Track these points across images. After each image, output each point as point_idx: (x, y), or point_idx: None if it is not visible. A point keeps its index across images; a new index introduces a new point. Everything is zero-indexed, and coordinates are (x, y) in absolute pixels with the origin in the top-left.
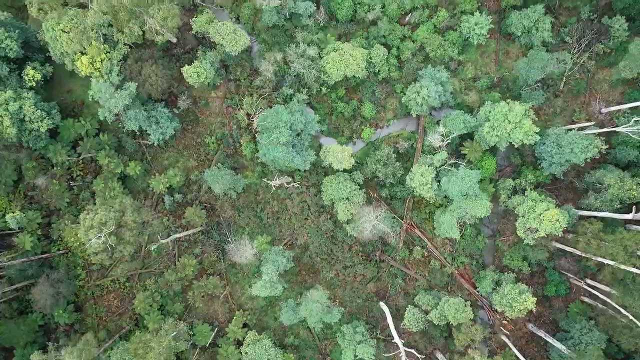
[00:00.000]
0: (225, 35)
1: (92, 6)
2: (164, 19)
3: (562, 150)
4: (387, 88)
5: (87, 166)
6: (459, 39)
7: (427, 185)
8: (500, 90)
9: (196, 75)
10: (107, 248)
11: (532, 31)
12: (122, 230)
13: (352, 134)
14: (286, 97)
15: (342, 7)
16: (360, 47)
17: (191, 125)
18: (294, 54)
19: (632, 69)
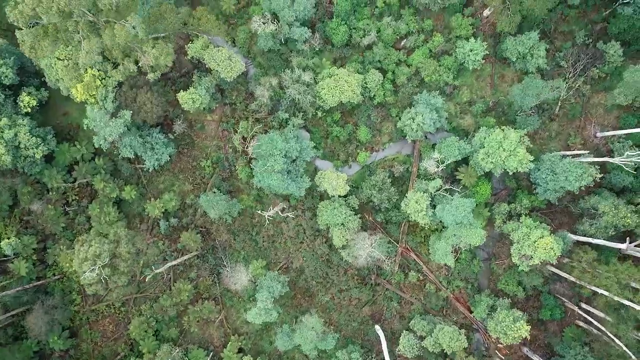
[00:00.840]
0: (220, 61)
1: (84, 46)
2: (157, 57)
3: (557, 177)
4: (383, 112)
5: (83, 190)
6: (454, 64)
7: (421, 212)
8: (496, 114)
9: (191, 101)
10: (101, 280)
11: (527, 57)
12: (116, 260)
13: (348, 158)
14: (282, 121)
15: (338, 32)
16: (356, 73)
17: (187, 149)
18: (289, 79)
19: (626, 96)
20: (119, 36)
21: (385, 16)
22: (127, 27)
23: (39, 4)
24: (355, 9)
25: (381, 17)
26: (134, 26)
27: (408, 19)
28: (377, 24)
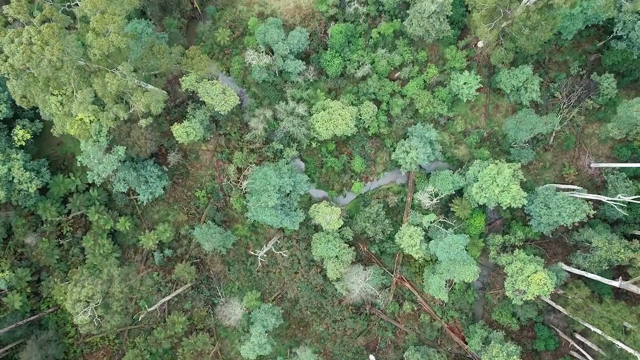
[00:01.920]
0: (214, 95)
1: (76, 96)
2: (147, 105)
3: (551, 212)
4: (377, 143)
5: (77, 221)
6: (448, 95)
7: (415, 246)
8: (490, 145)
9: (185, 134)
10: (94, 321)
11: (520, 90)
12: (109, 299)
13: (343, 188)
14: (276, 152)
15: (332, 64)
16: (350, 104)
17: (181, 179)
18: (284, 111)
19: (620, 130)
20: (110, 85)
21: (379, 47)
22: (118, 76)
23: (30, 59)
24: (350, 40)
25: (375, 48)
26: (124, 75)
27: (402, 50)
28: (372, 56)
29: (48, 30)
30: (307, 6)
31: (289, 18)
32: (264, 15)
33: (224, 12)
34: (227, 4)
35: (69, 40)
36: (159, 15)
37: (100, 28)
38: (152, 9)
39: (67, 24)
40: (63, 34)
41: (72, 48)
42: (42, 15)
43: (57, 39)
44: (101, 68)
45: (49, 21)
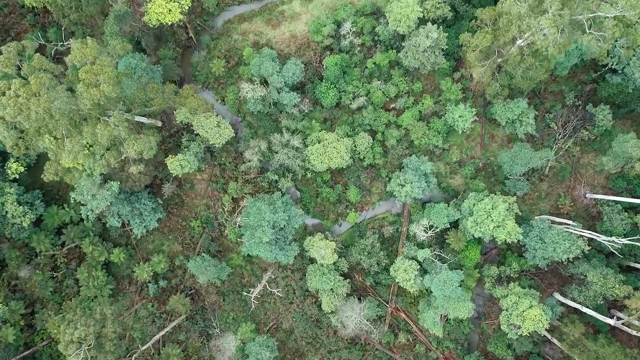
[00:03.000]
0: (208, 129)
1: (66, 145)
2: (140, 152)
3: (546, 246)
4: (372, 173)
5: (72, 252)
6: (443, 127)
7: (410, 281)
8: (486, 175)
9: (180, 167)
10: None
11: (516, 123)
12: (102, 339)
13: (338, 217)
14: (271, 182)
15: (327, 96)
16: (345, 136)
17: (176, 209)
18: (278, 143)
19: (615, 164)
20: (100, 135)
21: (375, 77)
22: (110, 126)
23: (20, 112)
24: (345, 71)
25: (371, 79)
26: (116, 124)
27: (398, 80)
28: (367, 87)
29: (36, 82)
30: (302, 36)
31: (284, 47)
32: (259, 45)
33: (219, 41)
34: (222, 33)
35: (58, 90)
36: (154, 45)
37: (89, 79)
38: (147, 39)
39: (57, 72)
40: (53, 84)
41: (62, 99)
42: (30, 66)
43: (46, 91)
44: (92, 114)
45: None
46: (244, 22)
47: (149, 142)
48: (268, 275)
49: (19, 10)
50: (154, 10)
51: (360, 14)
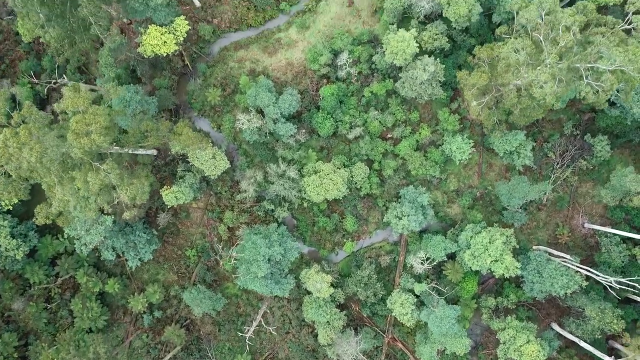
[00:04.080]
0: (204, 161)
1: (57, 193)
2: (133, 198)
3: (543, 280)
4: (369, 202)
5: (66, 282)
6: (441, 157)
7: (407, 315)
8: (483, 204)
9: (175, 199)
10: None
11: (513, 154)
12: None
13: (334, 247)
14: (267, 211)
15: (324, 126)
16: (342, 166)
17: (172, 237)
18: (274, 173)
19: (614, 198)
20: (92, 183)
21: (372, 106)
22: (101, 174)
23: (9, 161)
24: (342, 100)
25: (368, 107)
26: (108, 172)
27: (395, 109)
28: (364, 116)
29: (25, 133)
30: (299, 63)
31: (281, 75)
32: (255, 72)
33: (215, 69)
34: (219, 60)
35: (48, 139)
36: (150, 74)
37: (80, 129)
38: (142, 68)
39: (47, 121)
40: (43, 132)
41: (52, 148)
42: (19, 115)
43: (35, 142)
44: (85, 159)
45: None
46: (240, 50)
47: (142, 187)
48: (263, 310)
49: (13, 37)
50: (148, 42)
51: (357, 42)
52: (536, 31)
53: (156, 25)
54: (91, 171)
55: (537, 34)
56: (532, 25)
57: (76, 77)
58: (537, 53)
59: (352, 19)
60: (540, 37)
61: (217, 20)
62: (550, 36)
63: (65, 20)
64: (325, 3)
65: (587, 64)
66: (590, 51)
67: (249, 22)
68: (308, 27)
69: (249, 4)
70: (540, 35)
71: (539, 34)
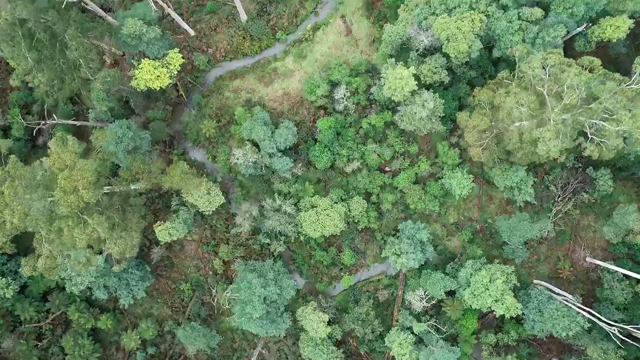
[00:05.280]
0: (198, 197)
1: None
2: (122, 252)
3: (545, 319)
4: (367, 236)
5: (57, 318)
6: (440, 191)
7: (405, 355)
8: (484, 237)
9: (168, 235)
10: None
11: (514, 190)
12: None
13: (332, 280)
14: (263, 245)
15: (321, 159)
16: (339, 200)
17: (165, 271)
18: (270, 208)
19: (616, 235)
20: (79, 239)
21: (370, 137)
22: (89, 229)
23: None
24: (339, 132)
25: (366, 138)
26: (95, 227)
27: (393, 141)
28: (362, 149)
29: (9, 193)
30: (295, 94)
31: (277, 106)
32: (251, 103)
33: (210, 98)
34: (214, 90)
35: (34, 197)
36: (143, 105)
37: (68, 186)
38: (136, 99)
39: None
40: (30, 190)
41: (37, 206)
42: (4, 171)
43: (17, 203)
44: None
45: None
46: (236, 79)
47: (132, 240)
48: (258, 349)
49: (4, 66)
50: (141, 77)
51: (355, 73)
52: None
53: (149, 59)
54: (78, 226)
55: (540, 88)
56: (536, 80)
57: (68, 109)
58: (540, 106)
59: (350, 49)
60: (544, 91)
61: (212, 50)
62: (554, 90)
63: (55, 61)
64: (323, 32)
65: (592, 119)
66: (596, 108)
67: (245, 51)
68: (305, 57)
69: (244, 33)
70: (544, 89)
71: (542, 87)
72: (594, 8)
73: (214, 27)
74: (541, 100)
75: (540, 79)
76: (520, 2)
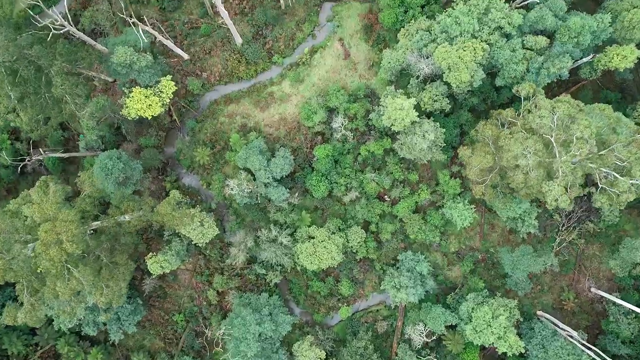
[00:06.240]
0: (191, 229)
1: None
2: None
3: (548, 356)
4: (366, 265)
5: (46, 352)
6: (440, 220)
7: None
8: (485, 267)
9: (160, 268)
10: None
11: (517, 221)
12: None
13: (329, 311)
14: (258, 275)
15: (318, 188)
16: (337, 231)
17: (158, 301)
18: (266, 239)
19: (623, 269)
20: (62, 293)
21: (368, 164)
22: (73, 282)
23: None
24: (337, 160)
25: (364, 165)
26: (80, 281)
27: (393, 168)
28: (360, 177)
29: None
30: (292, 119)
31: (274, 131)
32: (247, 128)
33: (205, 124)
34: (208, 115)
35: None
36: (135, 131)
37: (50, 239)
38: (127, 126)
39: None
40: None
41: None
42: None
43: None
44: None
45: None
46: (231, 104)
47: (119, 290)
48: None
49: None
50: (132, 106)
51: (354, 98)
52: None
53: (141, 88)
54: (61, 278)
55: (548, 135)
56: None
57: (58, 135)
58: (547, 151)
59: (348, 72)
60: (552, 139)
61: (206, 74)
62: (562, 139)
63: (40, 96)
64: (320, 56)
65: (603, 167)
66: (607, 159)
67: (240, 75)
68: (302, 81)
69: (239, 57)
70: (552, 137)
71: (550, 135)
72: (600, 37)
73: (209, 51)
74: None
75: (549, 127)
76: (523, 30)
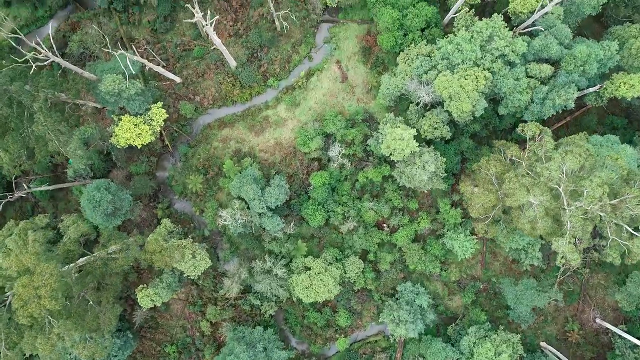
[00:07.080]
0: (183, 262)
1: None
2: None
3: None
4: (364, 296)
5: None
6: (441, 250)
7: None
8: (487, 296)
9: (151, 302)
10: None
11: (520, 252)
12: None
13: (326, 342)
14: (253, 305)
15: (315, 217)
16: (334, 261)
17: (150, 332)
18: (261, 270)
19: (629, 303)
20: (42, 349)
21: (367, 192)
22: (53, 339)
23: None
24: (334, 187)
25: (362, 192)
26: (62, 337)
27: (392, 195)
28: (358, 205)
29: None
30: (288, 144)
31: (269, 156)
32: (241, 153)
33: (198, 149)
34: (201, 140)
35: None
36: (125, 158)
37: (27, 294)
38: (117, 153)
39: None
40: None
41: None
42: None
43: None
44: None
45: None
46: (224, 128)
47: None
48: None
49: None
50: (121, 135)
51: (351, 123)
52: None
53: (130, 116)
54: (41, 334)
55: (556, 185)
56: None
57: (45, 161)
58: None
59: (346, 96)
60: (560, 189)
61: (199, 97)
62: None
63: (22, 131)
64: (317, 78)
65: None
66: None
67: (234, 99)
68: (298, 104)
69: (233, 80)
70: (560, 187)
71: (558, 186)
72: (607, 64)
73: (202, 73)
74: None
75: (558, 179)
76: (527, 58)
